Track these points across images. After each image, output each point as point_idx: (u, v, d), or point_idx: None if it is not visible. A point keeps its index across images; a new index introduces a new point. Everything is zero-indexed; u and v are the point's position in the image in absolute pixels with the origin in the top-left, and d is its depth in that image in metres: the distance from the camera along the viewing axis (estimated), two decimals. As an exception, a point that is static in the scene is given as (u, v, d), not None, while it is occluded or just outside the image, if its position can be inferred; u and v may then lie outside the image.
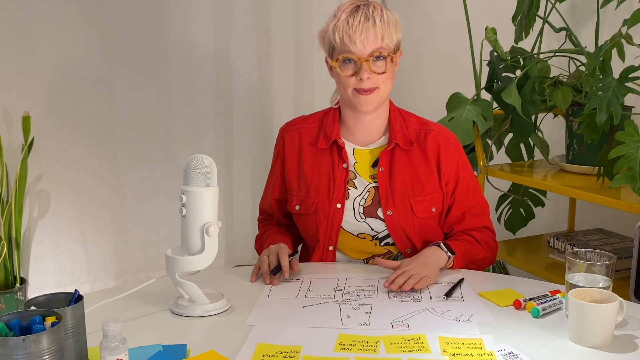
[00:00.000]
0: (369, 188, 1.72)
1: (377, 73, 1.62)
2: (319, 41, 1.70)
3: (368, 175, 1.73)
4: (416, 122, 1.75)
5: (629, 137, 1.87)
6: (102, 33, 2.86)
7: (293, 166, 1.77)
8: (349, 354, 1.23)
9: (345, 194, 1.72)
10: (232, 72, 3.16)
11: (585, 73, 2.18)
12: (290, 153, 1.78)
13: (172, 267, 1.41)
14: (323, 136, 1.75)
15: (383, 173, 1.71)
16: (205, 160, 1.39)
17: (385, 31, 1.61)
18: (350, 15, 1.60)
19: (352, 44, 1.60)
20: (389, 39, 1.61)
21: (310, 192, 1.74)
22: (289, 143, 1.79)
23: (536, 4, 2.33)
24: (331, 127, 1.74)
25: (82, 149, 2.91)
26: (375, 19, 1.60)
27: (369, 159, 1.74)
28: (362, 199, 1.72)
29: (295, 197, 1.77)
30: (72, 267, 2.96)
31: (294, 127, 1.81)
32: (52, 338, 1.02)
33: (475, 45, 2.41)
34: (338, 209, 1.71)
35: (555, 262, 2.38)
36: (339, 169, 1.72)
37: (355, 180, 1.73)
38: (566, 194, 2.23)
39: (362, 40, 1.59)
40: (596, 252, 1.51)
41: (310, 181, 1.74)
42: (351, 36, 1.59)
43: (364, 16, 1.60)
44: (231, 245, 3.29)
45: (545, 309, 1.40)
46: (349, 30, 1.59)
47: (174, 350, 1.23)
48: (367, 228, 1.71)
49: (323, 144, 1.74)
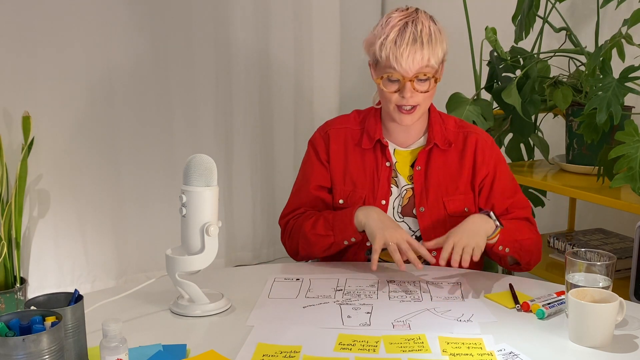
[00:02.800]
0: (407, 188, 1.74)
1: (420, 92, 1.63)
2: (364, 48, 1.70)
3: (407, 176, 1.75)
4: (454, 124, 1.77)
5: (629, 137, 1.87)
6: (102, 33, 2.86)
7: (339, 162, 1.78)
8: (349, 353, 1.23)
9: (389, 191, 1.74)
10: (232, 72, 3.16)
11: (585, 73, 2.18)
12: (335, 149, 1.78)
13: (172, 267, 1.41)
14: (366, 136, 1.76)
15: (419, 172, 1.73)
16: (205, 160, 1.39)
17: (433, 52, 1.61)
18: (398, 35, 1.59)
19: (398, 65, 1.60)
20: (435, 58, 1.62)
21: (357, 187, 1.75)
22: (334, 139, 1.78)
23: (536, 4, 2.33)
24: (374, 128, 1.76)
25: (82, 149, 2.91)
26: (423, 40, 1.59)
27: (409, 159, 1.75)
28: (400, 198, 1.74)
29: (339, 191, 1.77)
30: (72, 267, 2.96)
31: (339, 125, 1.81)
32: (52, 338, 1.02)
33: (475, 45, 2.41)
34: (383, 205, 1.73)
35: (555, 262, 2.37)
36: (382, 167, 1.74)
37: (396, 179, 1.75)
38: (566, 194, 2.23)
39: (409, 62, 1.59)
40: (596, 252, 1.51)
41: (356, 177, 1.76)
42: (398, 57, 1.59)
43: (412, 37, 1.59)
44: (231, 245, 3.29)
45: (551, 314, 1.39)
46: (396, 51, 1.59)
47: (174, 350, 1.23)
48: (405, 227, 1.73)
49: (367, 144, 1.75)
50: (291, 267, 1.73)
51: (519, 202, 1.78)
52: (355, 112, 1.84)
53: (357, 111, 1.84)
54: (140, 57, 2.96)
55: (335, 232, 1.69)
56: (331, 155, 1.78)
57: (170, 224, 2.96)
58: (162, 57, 3.00)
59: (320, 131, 1.82)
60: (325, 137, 1.80)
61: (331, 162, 1.78)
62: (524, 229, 1.72)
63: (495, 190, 1.75)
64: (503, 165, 1.78)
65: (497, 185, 1.75)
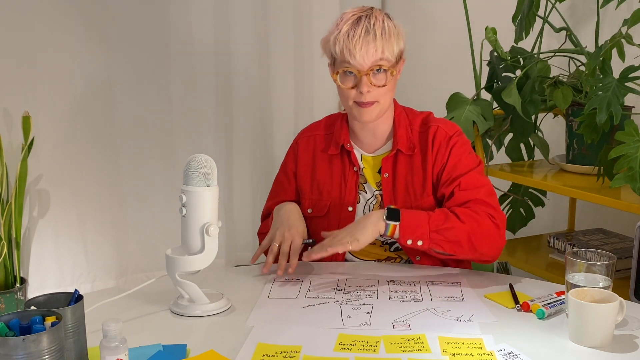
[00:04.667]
0: (376, 194, 1.73)
1: (377, 86, 1.61)
2: (322, 48, 1.69)
3: (375, 182, 1.73)
4: (420, 123, 1.74)
5: (629, 137, 1.88)
6: (102, 33, 2.86)
7: (306, 171, 1.78)
8: (349, 353, 1.23)
9: (357, 197, 1.73)
10: (232, 72, 3.16)
11: (585, 73, 2.18)
12: (304, 158, 1.79)
13: (172, 267, 1.41)
14: (333, 142, 1.76)
15: (387, 179, 1.71)
16: (205, 160, 1.39)
17: (386, 44, 1.59)
18: (351, 28, 1.59)
19: (352, 58, 1.58)
20: (390, 51, 1.60)
21: (323, 195, 1.75)
22: (303, 148, 1.80)
23: (536, 4, 2.33)
24: (339, 133, 1.75)
25: (82, 149, 2.91)
26: (376, 32, 1.58)
27: (373, 165, 1.74)
28: (371, 204, 1.73)
29: (307, 200, 1.77)
30: (72, 267, 2.95)
31: (309, 133, 1.82)
32: (52, 338, 1.02)
33: (475, 45, 2.41)
34: (350, 212, 1.72)
35: (555, 262, 2.38)
36: (349, 173, 1.73)
37: (365, 185, 1.74)
38: (566, 194, 2.23)
39: (362, 54, 1.58)
40: (596, 252, 1.52)
41: (322, 185, 1.75)
42: (351, 50, 1.58)
43: (364, 29, 1.58)
44: (231, 245, 3.29)
45: (551, 314, 1.39)
46: (349, 43, 1.58)
47: (174, 350, 1.23)
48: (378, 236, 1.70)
49: (333, 150, 1.75)
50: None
51: (467, 184, 1.63)
52: (326, 118, 1.84)
53: (328, 117, 1.83)
54: (140, 57, 2.96)
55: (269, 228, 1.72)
56: (299, 166, 1.79)
57: (170, 224, 2.96)
58: (162, 57, 3.00)
59: (293, 141, 1.84)
60: (295, 147, 1.82)
61: (299, 172, 1.79)
62: (450, 217, 1.57)
63: (444, 177, 1.66)
64: (458, 149, 1.68)
65: (446, 172, 1.66)
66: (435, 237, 1.56)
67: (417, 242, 1.56)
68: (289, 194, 1.81)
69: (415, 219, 1.57)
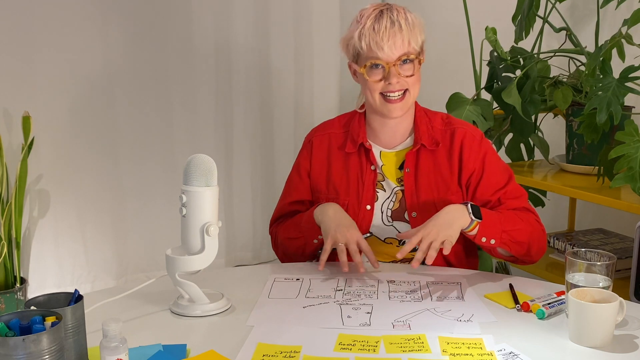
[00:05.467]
0: (396, 191, 1.72)
1: (406, 76, 1.62)
2: (342, 48, 1.70)
3: (395, 178, 1.73)
4: (441, 121, 1.75)
5: (629, 137, 1.88)
6: (103, 33, 2.86)
7: (322, 170, 1.77)
8: (349, 353, 1.23)
9: (375, 196, 1.72)
10: (232, 72, 3.16)
11: (585, 73, 2.18)
12: (318, 157, 1.78)
13: (172, 267, 1.41)
14: (350, 140, 1.75)
15: (409, 174, 1.70)
16: (205, 160, 1.39)
17: (412, 34, 1.61)
18: (375, 21, 1.60)
19: (380, 50, 1.60)
20: (415, 41, 1.62)
21: (340, 194, 1.74)
22: (318, 147, 1.79)
23: (536, 4, 2.33)
24: (357, 131, 1.75)
25: (82, 148, 2.91)
26: (400, 23, 1.60)
27: (395, 161, 1.73)
28: (390, 201, 1.72)
29: (324, 198, 1.76)
30: (72, 267, 2.95)
31: (322, 131, 1.81)
32: (52, 338, 1.02)
33: (475, 45, 2.41)
34: (368, 210, 1.71)
35: (555, 262, 2.38)
36: (367, 171, 1.73)
37: (384, 182, 1.73)
38: (566, 194, 2.23)
39: (390, 45, 1.59)
40: (596, 252, 1.52)
41: (339, 184, 1.74)
42: (378, 42, 1.59)
43: (389, 21, 1.60)
44: (231, 245, 3.29)
45: (551, 314, 1.39)
46: (376, 36, 1.59)
47: (174, 350, 1.23)
48: (394, 232, 1.71)
49: (350, 148, 1.74)
50: (291, 267, 1.73)
51: (511, 192, 1.70)
52: (339, 117, 1.83)
53: (341, 115, 1.83)
54: (140, 57, 2.96)
55: (303, 232, 1.70)
56: (313, 165, 1.78)
57: (170, 224, 2.96)
58: (162, 57, 3.00)
59: (306, 139, 1.83)
60: (309, 145, 1.81)
61: (314, 171, 1.78)
62: (515, 219, 1.64)
63: (483, 184, 1.69)
64: (491, 157, 1.72)
65: (485, 180, 1.70)
66: (505, 237, 1.61)
67: (490, 241, 1.60)
68: (303, 193, 1.80)
69: (491, 218, 1.61)
